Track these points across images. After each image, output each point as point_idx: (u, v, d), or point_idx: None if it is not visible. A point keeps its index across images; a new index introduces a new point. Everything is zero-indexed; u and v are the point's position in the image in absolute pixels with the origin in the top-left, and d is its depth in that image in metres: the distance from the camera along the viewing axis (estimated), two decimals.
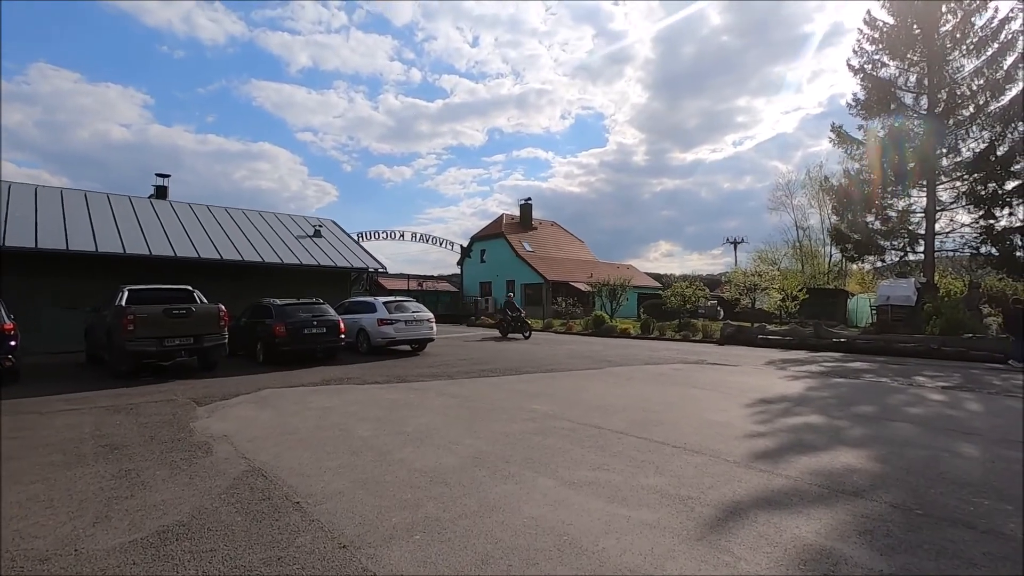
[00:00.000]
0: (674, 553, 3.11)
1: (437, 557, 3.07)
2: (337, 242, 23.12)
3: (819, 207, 43.52)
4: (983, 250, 20.12)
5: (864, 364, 13.00)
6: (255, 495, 4.06)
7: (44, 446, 5.49)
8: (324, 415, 6.91)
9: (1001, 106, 18.95)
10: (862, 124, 21.78)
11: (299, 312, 12.64)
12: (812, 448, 5.38)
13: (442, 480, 4.39)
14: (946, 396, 8.57)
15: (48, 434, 5.98)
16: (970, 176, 19.73)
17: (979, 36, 19.45)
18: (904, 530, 3.43)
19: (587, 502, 3.91)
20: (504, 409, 7.29)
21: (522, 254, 41.29)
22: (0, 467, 4.79)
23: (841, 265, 42.22)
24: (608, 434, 5.92)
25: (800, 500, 3.96)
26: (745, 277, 26.67)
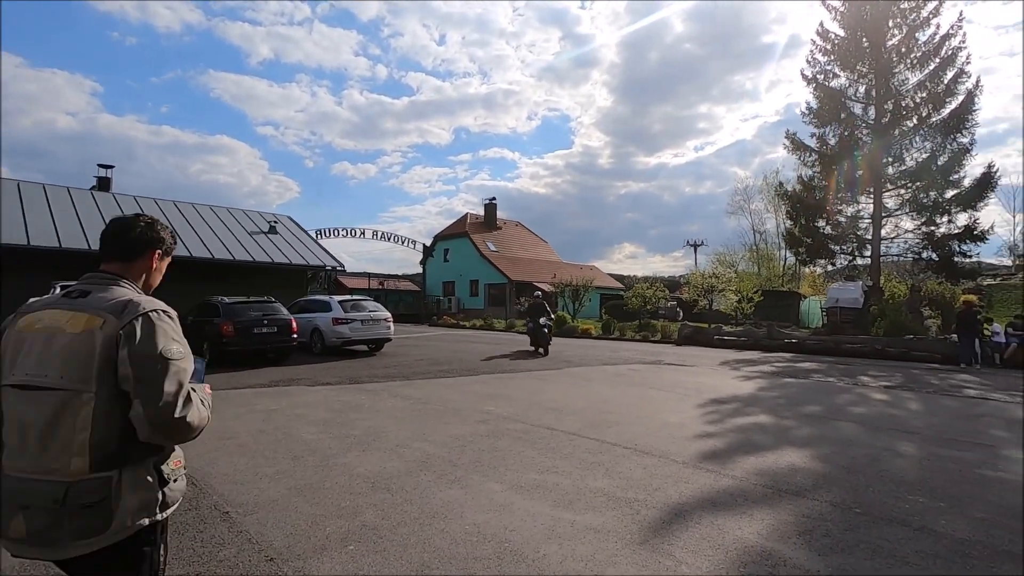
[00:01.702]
0: (616, 558, 3.04)
1: (370, 568, 2.92)
2: (293, 239, 22.50)
3: (775, 212, 44.89)
4: (924, 255, 21.08)
5: (813, 364, 13.40)
6: (181, 505, 3.79)
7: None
8: (268, 418, 6.62)
9: (942, 118, 19.88)
10: (815, 132, 22.54)
11: (249, 311, 12.17)
12: (759, 448, 5.44)
13: (384, 486, 4.22)
14: (888, 395, 8.87)
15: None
16: (913, 184, 20.64)
17: (922, 51, 20.37)
18: (842, 529, 3.46)
19: (533, 506, 3.81)
20: (457, 411, 7.15)
21: (486, 254, 41.12)
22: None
23: (795, 268, 43.70)
24: (561, 436, 5.85)
25: (744, 501, 3.96)
26: (704, 279, 27.27)
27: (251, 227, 22.07)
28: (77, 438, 1.40)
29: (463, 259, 42.63)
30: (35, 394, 1.42)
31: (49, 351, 1.44)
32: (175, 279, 14.27)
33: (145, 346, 1.47)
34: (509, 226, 48.57)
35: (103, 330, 1.45)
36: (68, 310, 1.50)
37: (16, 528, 1.40)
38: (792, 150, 22.92)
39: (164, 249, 1.76)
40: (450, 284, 43.80)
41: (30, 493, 1.40)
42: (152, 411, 1.43)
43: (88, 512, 1.40)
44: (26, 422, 1.42)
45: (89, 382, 1.42)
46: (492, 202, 46.73)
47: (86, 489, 1.40)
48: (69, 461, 1.40)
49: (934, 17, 20.25)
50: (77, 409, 1.41)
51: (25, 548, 1.43)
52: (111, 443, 1.44)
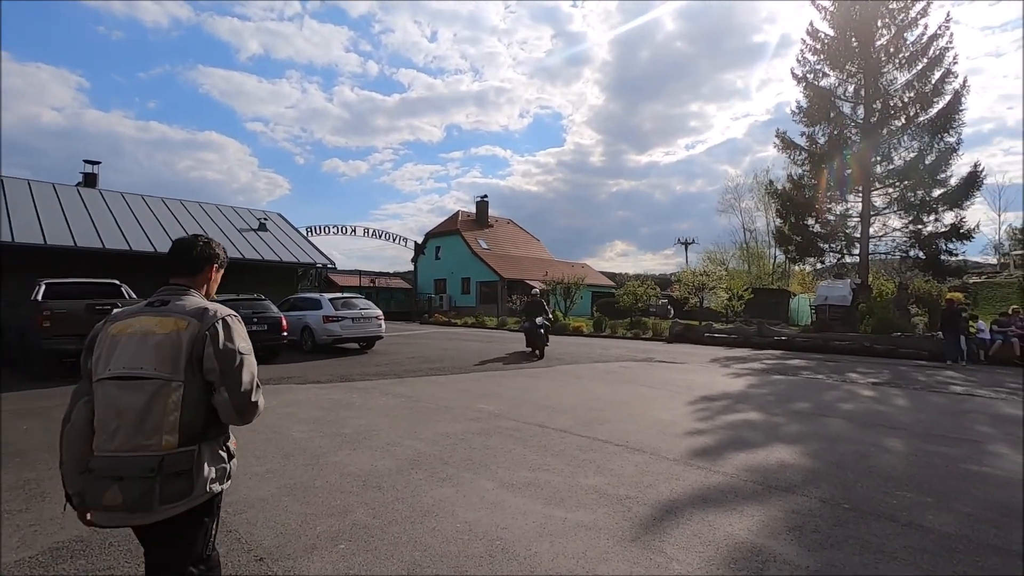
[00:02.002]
0: (607, 555, 3.04)
1: (361, 567, 2.90)
2: (284, 236, 22.32)
3: (765, 210, 45.17)
4: (912, 253, 21.27)
5: (802, 361, 13.51)
6: None
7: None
8: None
9: (929, 118, 20.06)
10: (805, 131, 22.67)
11: (238, 309, 11.96)
12: (749, 445, 5.47)
13: (375, 484, 4.20)
14: (876, 392, 8.96)
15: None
16: (901, 183, 20.83)
17: (910, 51, 20.54)
18: (831, 525, 3.48)
19: (524, 504, 3.81)
20: (449, 409, 7.13)
21: (478, 251, 41.06)
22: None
23: (784, 266, 44.00)
24: (552, 433, 5.85)
25: (735, 497, 3.98)
26: (694, 277, 27.36)
27: (240, 224, 21.87)
28: (168, 419, 1.69)
29: (455, 257, 42.55)
30: (132, 383, 1.69)
31: (143, 348, 1.73)
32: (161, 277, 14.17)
33: (226, 345, 1.79)
34: (501, 224, 48.53)
35: (187, 331, 1.76)
36: (155, 316, 1.80)
37: (112, 497, 1.64)
38: (782, 149, 23.03)
39: (219, 263, 2.08)
40: (442, 282, 43.70)
41: (125, 467, 1.65)
42: (235, 397, 1.76)
43: (177, 479, 1.69)
44: (124, 407, 1.68)
45: (178, 373, 1.72)
46: (484, 200, 46.66)
47: (176, 460, 1.69)
48: (162, 438, 1.68)
49: (922, 17, 20.41)
50: (168, 395, 1.70)
51: (118, 516, 1.68)
52: (195, 423, 1.75)
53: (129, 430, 1.67)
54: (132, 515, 1.67)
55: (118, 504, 1.64)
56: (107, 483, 1.64)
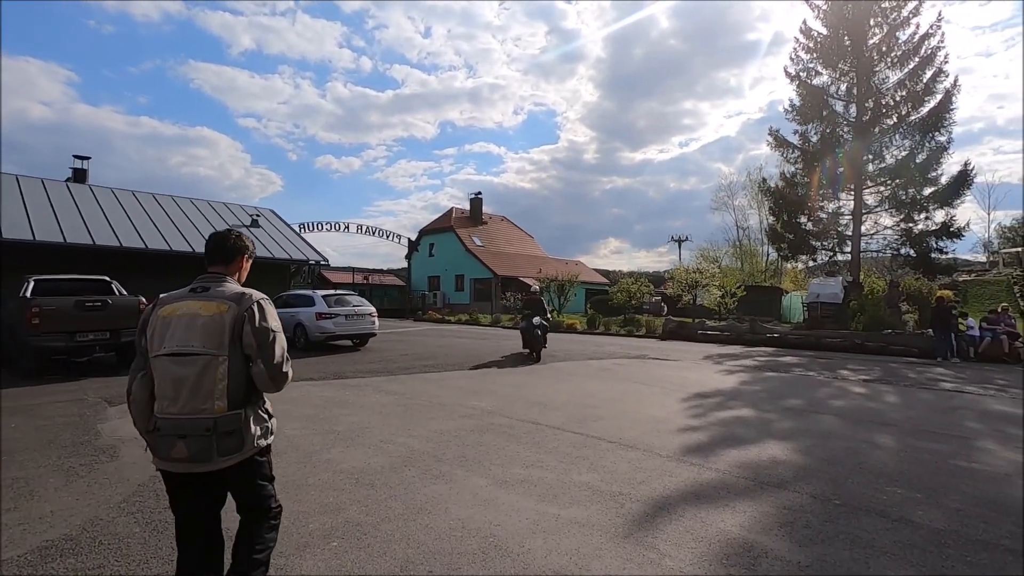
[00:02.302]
0: (600, 552, 3.05)
1: (353, 565, 2.90)
2: (276, 233, 22.21)
3: (758, 208, 45.36)
4: (903, 251, 21.44)
5: (794, 358, 13.59)
6: (160, 503, 3.74)
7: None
8: None
9: (921, 117, 20.20)
10: (798, 129, 22.76)
11: None
12: (742, 441, 5.50)
13: (368, 482, 4.19)
14: (867, 389, 9.03)
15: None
16: (892, 182, 20.97)
17: (902, 50, 20.66)
18: (822, 520, 3.51)
19: (518, 501, 3.81)
20: (443, 406, 7.12)
21: (471, 248, 41.00)
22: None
23: (777, 264, 44.25)
24: (545, 430, 5.86)
25: (727, 493, 4.00)
26: (688, 274, 27.46)
27: (233, 220, 21.73)
28: (218, 387, 2.03)
29: (449, 254, 42.47)
30: (185, 359, 2.02)
31: (192, 329, 2.04)
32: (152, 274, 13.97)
33: (261, 324, 2.12)
34: (495, 221, 48.47)
35: (229, 313, 2.08)
36: (199, 300, 2.11)
37: (179, 451, 2.00)
38: (775, 147, 23.13)
39: (249, 254, 2.43)
40: (435, 279, 43.62)
41: (186, 427, 2.00)
42: (269, 368, 2.12)
43: (230, 436, 2.05)
44: (179, 379, 2.01)
45: (223, 348, 2.05)
46: (478, 196, 46.58)
47: (227, 421, 2.04)
48: (214, 403, 2.02)
49: (914, 17, 20.53)
50: (216, 367, 2.03)
51: (185, 465, 2.03)
52: (240, 390, 2.10)
53: (187, 397, 2.02)
54: (195, 464, 2.03)
55: (184, 457, 2.01)
56: (173, 440, 2.01)
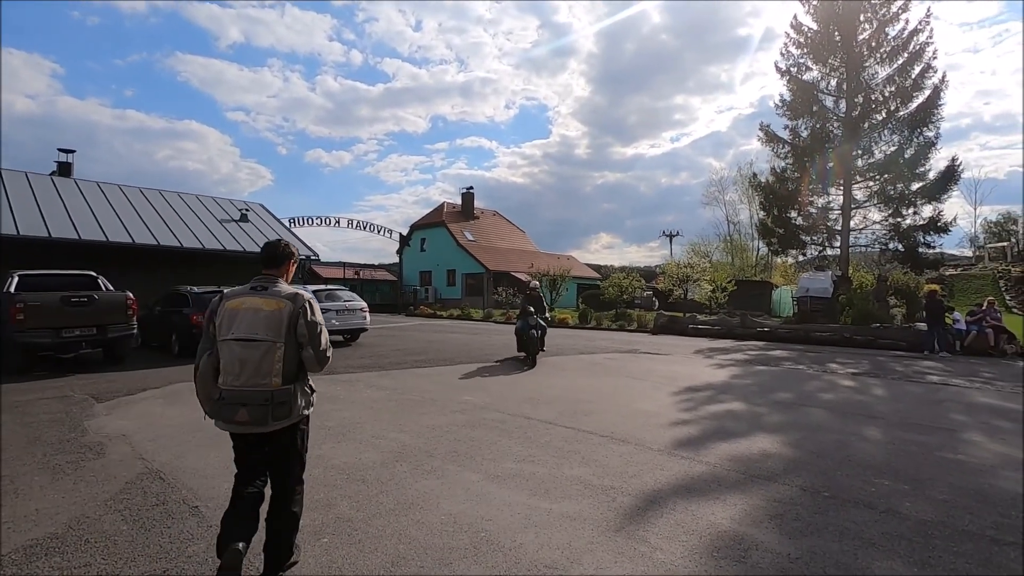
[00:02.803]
0: (592, 546, 3.05)
1: (344, 561, 2.88)
2: (266, 227, 22.02)
3: (748, 203, 45.65)
4: (891, 246, 21.67)
5: (784, 352, 13.69)
6: (148, 500, 3.70)
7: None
8: None
9: (909, 112, 20.36)
10: (788, 124, 22.86)
11: None
12: (732, 435, 5.53)
13: (360, 477, 4.17)
14: (855, 382, 9.11)
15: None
16: (881, 177, 21.15)
17: (892, 46, 20.78)
18: (812, 513, 3.53)
19: (509, 496, 3.81)
20: (434, 401, 7.11)
21: (463, 243, 40.91)
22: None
23: (767, 258, 44.52)
24: (537, 424, 5.86)
25: (718, 487, 4.02)
26: (679, 269, 27.61)
27: (222, 215, 21.51)
28: (276, 367, 2.57)
29: (440, 249, 42.36)
30: (250, 343, 2.55)
31: (256, 320, 2.57)
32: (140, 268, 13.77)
33: (312, 319, 2.67)
34: (486, 216, 48.37)
35: (286, 309, 2.61)
36: (261, 297, 2.64)
37: (242, 416, 2.53)
38: (766, 142, 23.23)
39: (294, 259, 2.95)
40: (427, 274, 43.51)
41: (248, 397, 2.53)
42: (318, 353, 2.67)
43: (282, 406, 2.58)
44: (244, 359, 2.54)
45: (280, 337, 2.58)
46: (469, 191, 46.45)
47: (281, 394, 2.58)
48: (271, 379, 2.56)
49: (903, 12, 20.66)
50: (275, 351, 2.56)
51: (246, 427, 2.57)
52: (292, 370, 2.64)
53: (250, 374, 2.55)
54: (254, 427, 2.57)
55: (246, 420, 2.55)
56: (237, 407, 2.55)
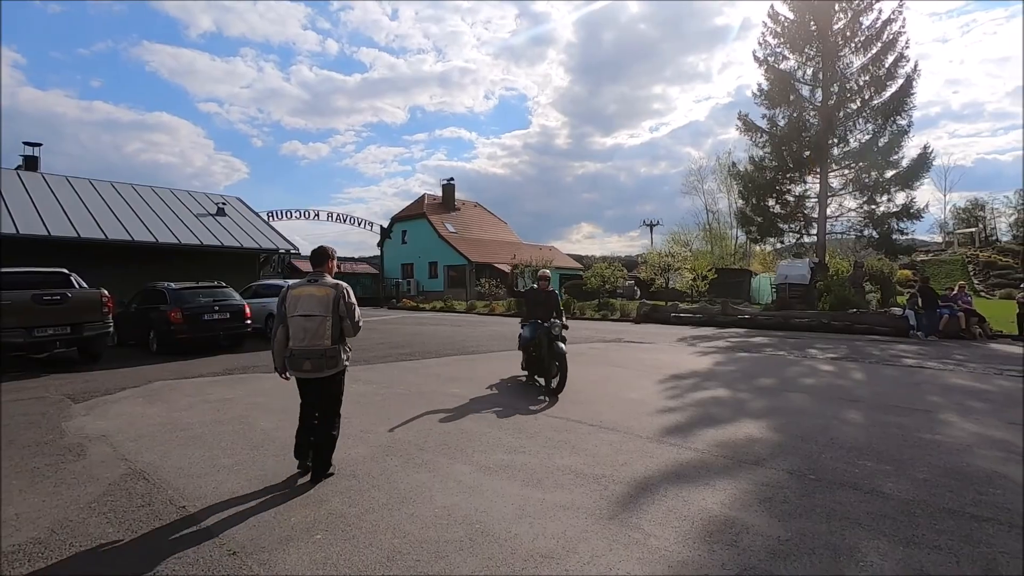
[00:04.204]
0: (587, 534, 3.07)
1: (338, 557, 2.86)
2: (244, 221, 21.59)
3: (727, 192, 46.14)
4: (866, 232, 22.09)
5: (765, 339, 13.92)
6: (133, 501, 3.63)
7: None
8: (223, 408, 6.38)
9: (883, 101, 20.71)
10: (766, 113, 23.09)
11: (198, 296, 11.64)
12: (718, 421, 5.61)
13: (350, 472, 4.14)
14: (834, 367, 9.31)
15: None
16: (856, 165, 21.52)
17: (866, 35, 21.07)
18: (799, 495, 3.61)
19: (502, 487, 3.81)
20: (421, 394, 7.08)
21: (445, 235, 40.68)
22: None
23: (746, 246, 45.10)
24: (526, 415, 5.87)
25: (707, 472, 4.08)
26: (660, 258, 27.86)
27: (197, 209, 21.02)
28: (327, 332, 3.94)
29: (421, 241, 42.07)
30: (310, 318, 3.91)
31: (313, 301, 3.93)
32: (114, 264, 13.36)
33: (349, 300, 4.01)
34: (468, 207, 48.13)
35: (332, 294, 3.96)
36: (314, 287, 3.98)
37: (307, 366, 3.95)
38: (744, 131, 23.41)
39: (333, 258, 4.24)
40: (409, 266, 43.21)
41: (311, 353, 3.94)
42: (353, 323, 4.04)
43: (332, 359, 4.00)
44: (307, 328, 3.91)
45: (329, 313, 3.94)
46: (450, 183, 46.13)
47: (331, 351, 3.99)
48: (324, 342, 3.94)
49: (877, 2, 20.94)
50: (326, 323, 3.93)
51: (310, 373, 3.99)
52: (336, 335, 3.98)
53: (311, 338, 3.93)
54: (315, 373, 3.99)
55: (310, 369, 3.97)
56: (303, 360, 3.96)
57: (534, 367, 7.43)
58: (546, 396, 4.97)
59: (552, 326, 7.02)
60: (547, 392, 6.81)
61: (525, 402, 3.88)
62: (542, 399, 4.20)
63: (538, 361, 7.18)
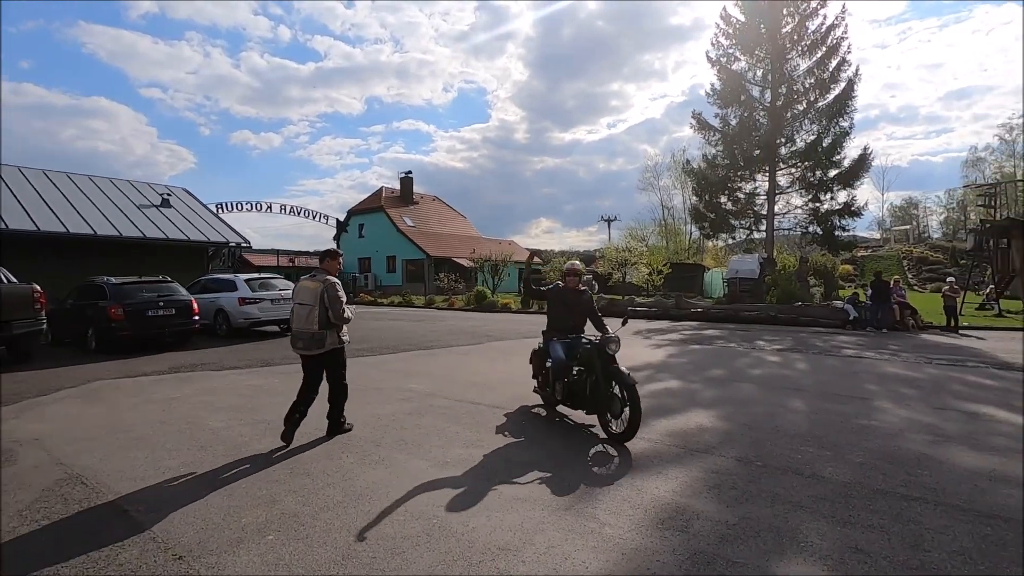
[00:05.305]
0: (543, 525, 3.11)
1: (292, 557, 2.80)
2: (191, 213, 20.70)
3: (682, 188, 47.35)
4: (811, 229, 23.11)
5: (717, 331, 14.39)
6: (69, 508, 3.44)
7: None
8: (169, 407, 6.13)
9: (827, 103, 21.67)
10: (718, 112, 23.77)
11: (140, 292, 11.09)
12: (670, 411, 5.78)
13: (304, 471, 4.05)
14: (781, 358, 9.72)
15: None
16: (802, 164, 22.45)
17: (811, 39, 21.97)
18: (746, 481, 3.76)
19: (460, 481, 3.81)
20: (379, 390, 6.99)
21: (403, 229, 40.16)
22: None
23: (699, 242, 46.44)
24: (484, 409, 5.89)
25: (659, 461, 4.20)
26: (617, 253, 28.29)
27: (140, 200, 20.01)
28: (315, 319, 4.67)
29: (379, 234, 41.40)
30: (303, 306, 4.74)
31: (306, 292, 4.74)
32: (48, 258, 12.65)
33: (333, 293, 4.72)
34: (426, 201, 47.65)
35: (320, 287, 4.71)
36: (311, 281, 4.79)
37: (299, 345, 4.76)
38: (698, 129, 24.06)
39: (336, 257, 5.05)
40: (366, 260, 42.47)
41: (302, 335, 4.74)
42: (335, 314, 4.71)
43: (319, 341, 4.72)
44: (301, 315, 4.73)
45: (315, 303, 4.68)
46: (408, 176, 45.54)
47: (319, 334, 4.70)
48: (312, 326, 4.68)
49: (821, 8, 21.84)
50: (314, 311, 4.67)
51: (302, 351, 4.77)
52: (324, 321, 4.70)
53: (303, 322, 4.69)
54: (308, 351, 4.74)
55: (302, 347, 4.74)
56: (298, 340, 4.77)
57: (578, 401, 5.24)
58: (605, 444, 4.38)
59: (607, 342, 5.12)
60: (608, 438, 4.79)
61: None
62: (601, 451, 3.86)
63: (585, 394, 5.08)
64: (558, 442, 4.72)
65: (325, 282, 4.69)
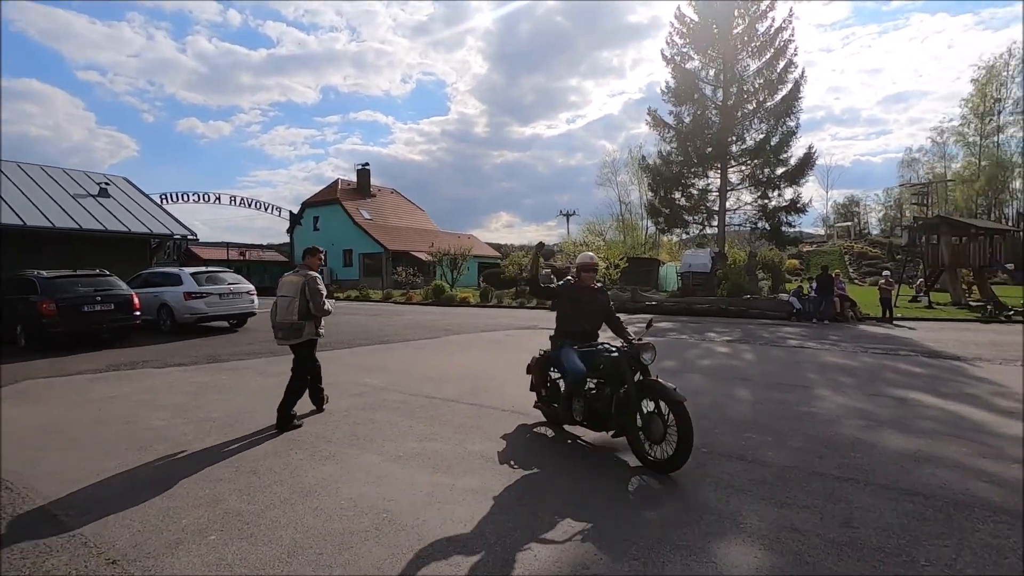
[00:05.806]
0: (494, 517, 3.13)
1: (234, 557, 2.72)
2: (132, 204, 19.70)
3: (638, 184, 48.26)
4: (759, 225, 23.98)
5: (670, 324, 14.76)
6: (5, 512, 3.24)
7: None
8: (106, 406, 5.83)
9: (775, 103, 22.48)
10: (673, 110, 24.30)
11: (76, 286, 10.50)
12: None
13: (250, 469, 3.94)
14: (729, 348, 10.06)
15: None
16: (752, 162, 23.24)
17: (760, 41, 22.71)
18: (693, 468, 3.87)
19: (412, 475, 3.79)
20: (332, 385, 6.79)
21: (360, 222, 39.43)
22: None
23: (655, 236, 47.45)
24: (439, 403, 5.86)
25: (608, 451, 4.28)
26: (576, 247, 28.61)
27: (75, 189, 18.88)
28: (295, 310, 5.08)
29: (335, 227, 40.49)
30: (284, 298, 5.16)
31: (288, 286, 5.18)
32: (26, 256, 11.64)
33: (313, 287, 5.14)
34: (384, 193, 46.90)
35: (301, 281, 5.13)
36: (294, 275, 5.23)
37: (279, 335, 5.24)
38: (653, 126, 24.55)
39: (316, 254, 5.47)
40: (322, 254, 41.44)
41: (283, 325, 5.15)
42: (315, 306, 5.13)
43: (297, 331, 5.13)
44: (282, 307, 5.14)
45: (297, 295, 5.09)
46: (365, 168, 44.67)
47: (298, 324, 5.12)
48: (292, 317, 5.10)
49: (770, 11, 22.59)
50: (294, 303, 5.09)
51: (282, 341, 5.21)
52: (304, 312, 5.11)
53: (283, 313, 5.11)
54: (285, 341, 5.17)
55: (282, 337, 5.19)
56: (279, 331, 5.19)
57: (599, 421, 4.29)
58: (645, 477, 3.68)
59: (642, 350, 4.32)
60: (647, 467, 3.88)
61: (440, 392, 3.72)
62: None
63: (610, 412, 4.19)
64: (515, 433, 4.74)
65: (306, 276, 5.11)
